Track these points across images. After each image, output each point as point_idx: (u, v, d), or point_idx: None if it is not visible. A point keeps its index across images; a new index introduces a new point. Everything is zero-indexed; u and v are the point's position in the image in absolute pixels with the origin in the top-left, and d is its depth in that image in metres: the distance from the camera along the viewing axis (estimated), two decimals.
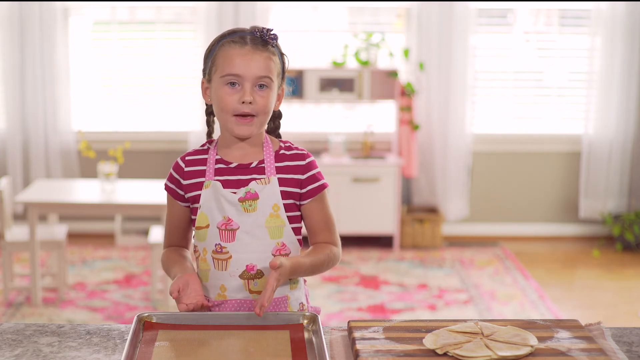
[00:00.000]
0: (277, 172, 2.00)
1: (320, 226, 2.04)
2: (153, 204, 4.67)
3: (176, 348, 1.74)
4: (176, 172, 2.05)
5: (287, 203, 2.00)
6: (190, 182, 2.03)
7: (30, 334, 1.83)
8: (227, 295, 2.00)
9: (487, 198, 6.27)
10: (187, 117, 6.14)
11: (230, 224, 1.97)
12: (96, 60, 6.17)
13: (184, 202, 2.06)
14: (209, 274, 2.01)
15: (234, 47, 1.95)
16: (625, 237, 5.97)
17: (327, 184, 2.05)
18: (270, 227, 1.98)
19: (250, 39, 1.96)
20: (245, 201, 1.97)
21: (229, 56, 1.95)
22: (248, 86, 1.94)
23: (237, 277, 1.99)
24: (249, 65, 1.94)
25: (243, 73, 1.94)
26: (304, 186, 2.02)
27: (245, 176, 2.00)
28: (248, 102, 1.94)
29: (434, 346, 1.70)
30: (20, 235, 4.79)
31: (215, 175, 2.01)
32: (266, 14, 5.92)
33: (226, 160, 2.02)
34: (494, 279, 5.32)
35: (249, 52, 1.94)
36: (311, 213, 2.03)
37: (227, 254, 1.98)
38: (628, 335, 1.84)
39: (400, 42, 6.11)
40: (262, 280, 1.99)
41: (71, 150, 6.05)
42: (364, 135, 6.09)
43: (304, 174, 2.02)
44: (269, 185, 1.98)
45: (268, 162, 2.01)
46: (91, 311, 4.67)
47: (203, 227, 2.00)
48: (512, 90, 6.23)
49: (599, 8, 5.97)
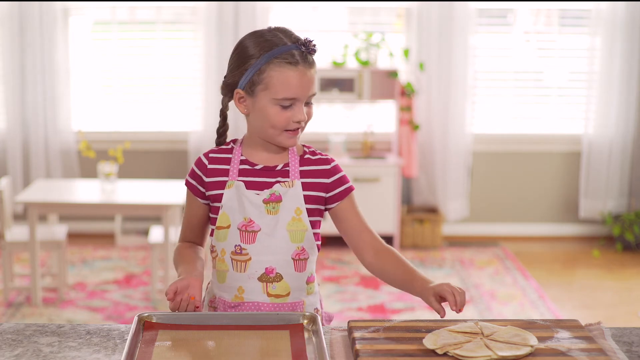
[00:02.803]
0: (301, 177, 1.99)
1: (360, 227, 2.01)
2: (153, 204, 4.68)
3: (176, 348, 1.74)
4: (199, 168, 2.03)
5: (310, 208, 1.99)
6: (212, 179, 2.01)
7: (30, 334, 1.83)
8: (244, 297, 1.98)
9: (487, 198, 6.27)
10: (187, 117, 6.14)
11: (251, 225, 1.96)
12: (96, 60, 6.17)
13: (204, 200, 2.04)
14: (226, 275, 2.00)
15: (288, 68, 1.91)
16: (625, 237, 5.97)
17: (353, 187, 2.03)
18: (292, 231, 1.97)
19: (299, 56, 1.92)
20: (269, 203, 1.96)
21: (285, 79, 1.90)
22: (301, 106, 1.93)
23: (255, 279, 1.97)
24: (303, 87, 1.92)
25: (299, 96, 1.92)
26: (331, 190, 2.00)
27: (270, 179, 1.98)
28: (304, 120, 1.94)
29: (434, 346, 1.70)
30: (20, 235, 4.79)
31: (239, 176, 1.99)
32: (266, 14, 5.92)
33: (251, 162, 2.00)
34: (494, 279, 5.32)
35: (302, 73, 1.92)
36: (346, 215, 2.02)
37: (247, 255, 1.97)
38: (628, 335, 1.84)
39: (400, 42, 6.11)
40: (281, 283, 1.97)
41: (71, 150, 6.05)
42: (364, 135, 6.09)
43: (329, 177, 2.01)
44: (292, 189, 1.97)
45: (293, 166, 2.00)
46: (91, 311, 4.67)
47: (224, 227, 1.98)
48: (512, 90, 6.23)
49: (599, 8, 5.97)
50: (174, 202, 4.63)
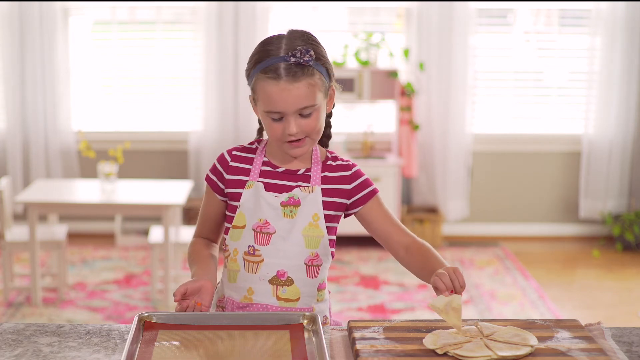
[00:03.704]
0: (322, 182, 1.98)
1: (391, 228, 1.99)
2: (153, 204, 4.68)
3: (176, 348, 1.74)
4: (221, 164, 2.02)
5: (329, 214, 1.98)
6: (233, 177, 2.00)
7: (30, 334, 1.83)
8: (253, 299, 1.97)
9: (487, 198, 6.27)
10: (187, 117, 6.14)
11: (266, 227, 1.95)
12: (96, 60, 6.17)
13: (222, 197, 2.02)
14: (237, 275, 1.99)
15: (269, 83, 1.86)
16: (625, 237, 5.97)
17: (377, 189, 2.01)
18: (308, 236, 1.96)
19: (285, 69, 1.85)
20: (287, 206, 1.95)
21: (266, 93, 1.88)
22: (291, 119, 1.89)
23: (266, 281, 1.96)
24: (287, 101, 1.86)
25: (283, 109, 1.88)
26: (353, 195, 1.99)
27: (291, 182, 1.97)
28: (294, 134, 1.90)
29: (434, 346, 1.70)
30: (20, 235, 4.79)
31: (259, 177, 1.98)
32: (266, 14, 5.92)
33: (274, 164, 1.99)
34: (494, 279, 5.32)
35: (286, 88, 1.86)
36: (372, 217, 2.00)
37: (260, 257, 1.96)
38: (628, 335, 1.84)
39: (400, 42, 6.11)
40: (291, 288, 1.97)
41: (71, 150, 6.05)
42: (364, 135, 6.09)
43: (350, 183, 1.99)
44: (312, 194, 1.96)
45: (315, 171, 1.98)
46: (91, 311, 4.67)
47: (240, 227, 1.97)
48: (512, 90, 6.23)
49: (599, 8, 5.97)
50: (174, 202, 4.63)
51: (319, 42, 1.94)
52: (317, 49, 1.91)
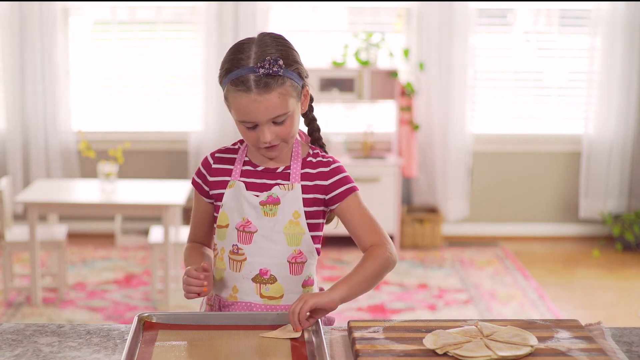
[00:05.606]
0: (302, 179, 1.99)
1: (362, 228, 1.98)
2: (153, 204, 4.68)
3: (176, 348, 1.74)
4: (204, 167, 2.05)
5: (310, 210, 1.98)
6: (216, 179, 2.02)
7: (30, 334, 1.83)
8: (238, 297, 1.99)
9: (487, 198, 6.27)
10: (187, 117, 6.14)
11: (248, 226, 1.97)
12: (96, 60, 6.17)
13: (209, 199, 2.05)
14: (223, 274, 2.01)
15: (240, 95, 1.86)
16: (625, 237, 5.97)
17: (356, 187, 2.00)
18: (289, 234, 1.96)
19: (255, 81, 1.84)
20: (266, 205, 1.96)
21: (237, 104, 1.88)
22: (265, 128, 1.89)
23: (249, 280, 1.98)
24: (258, 112, 1.87)
25: (255, 119, 1.88)
26: (330, 191, 1.99)
27: (270, 181, 1.98)
28: (268, 141, 1.90)
29: (434, 346, 1.70)
30: (20, 235, 4.79)
31: (241, 177, 2.00)
32: (266, 14, 5.92)
33: (254, 163, 2.01)
34: (494, 279, 5.32)
35: (257, 99, 1.85)
36: (346, 215, 1.99)
37: (243, 255, 1.98)
38: (628, 335, 1.84)
39: (400, 42, 6.11)
40: (274, 285, 1.98)
41: (71, 150, 6.05)
42: (364, 135, 6.09)
43: (327, 179, 1.99)
44: (291, 192, 1.97)
45: (294, 169, 1.99)
46: (91, 311, 4.67)
47: (223, 226, 2.00)
48: (512, 90, 6.23)
49: (599, 8, 5.97)
50: (174, 202, 4.63)
51: (290, 46, 1.92)
52: (288, 53, 1.90)
